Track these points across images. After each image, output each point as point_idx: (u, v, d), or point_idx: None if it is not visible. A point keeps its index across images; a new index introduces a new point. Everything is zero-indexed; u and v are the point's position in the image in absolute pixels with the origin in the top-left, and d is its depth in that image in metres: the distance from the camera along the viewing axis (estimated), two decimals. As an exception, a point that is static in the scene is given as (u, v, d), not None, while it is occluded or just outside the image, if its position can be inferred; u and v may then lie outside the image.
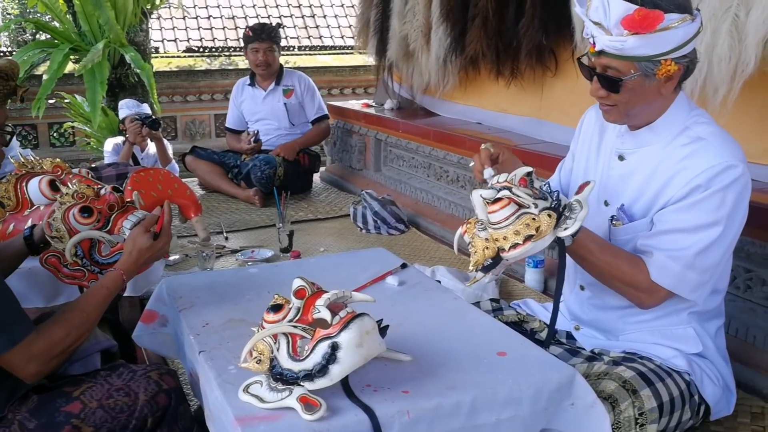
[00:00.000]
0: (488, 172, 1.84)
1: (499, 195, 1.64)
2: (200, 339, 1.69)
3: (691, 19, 1.68)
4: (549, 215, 1.59)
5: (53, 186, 2.44)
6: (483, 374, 1.53)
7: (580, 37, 3.07)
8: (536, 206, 1.61)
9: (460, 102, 4.52)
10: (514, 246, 1.60)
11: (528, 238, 1.59)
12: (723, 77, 2.38)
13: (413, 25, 4.36)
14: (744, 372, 2.32)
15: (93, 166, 4.52)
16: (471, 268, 1.71)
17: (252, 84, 5.04)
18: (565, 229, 1.60)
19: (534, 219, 1.59)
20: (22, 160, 2.56)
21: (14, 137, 1.89)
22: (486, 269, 1.69)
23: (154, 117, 4.65)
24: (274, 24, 4.94)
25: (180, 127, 10.23)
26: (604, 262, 1.79)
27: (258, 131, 4.90)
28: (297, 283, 1.52)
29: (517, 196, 1.62)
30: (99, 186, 2.08)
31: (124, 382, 1.68)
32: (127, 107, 4.75)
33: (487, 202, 1.65)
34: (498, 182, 1.71)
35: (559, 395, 1.53)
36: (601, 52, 1.73)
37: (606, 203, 1.94)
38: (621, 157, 1.92)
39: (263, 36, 4.79)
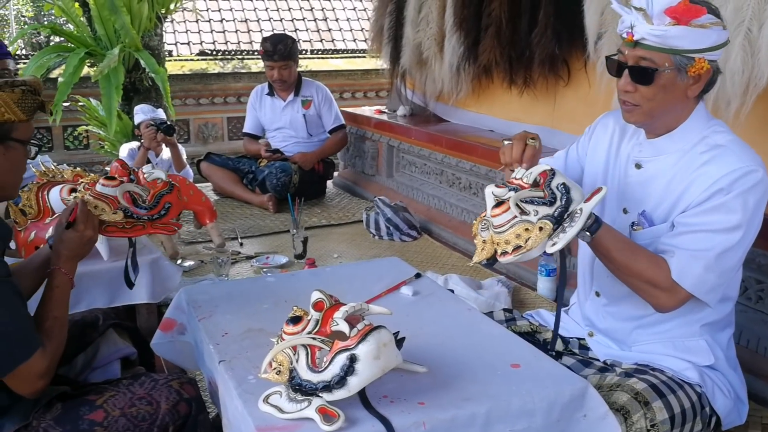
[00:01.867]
0: (520, 171, 1.77)
1: (505, 197, 1.68)
2: (220, 348, 1.72)
3: (723, 26, 1.73)
4: (541, 228, 1.61)
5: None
6: (497, 386, 1.55)
7: (593, 47, 3.09)
8: (536, 213, 1.64)
9: (472, 110, 4.54)
10: (504, 253, 1.66)
11: (517, 248, 1.63)
12: (736, 91, 2.40)
13: (427, 34, 4.39)
14: (755, 383, 2.33)
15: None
16: (471, 263, 1.80)
17: (271, 94, 5.05)
18: (554, 244, 1.62)
19: (527, 229, 1.62)
20: (43, 168, 2.61)
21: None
22: (486, 266, 1.77)
23: (168, 122, 4.70)
24: (288, 40, 4.85)
25: (193, 129, 10.30)
26: (624, 258, 1.79)
27: (269, 144, 4.98)
28: (315, 295, 1.55)
29: (522, 200, 1.66)
30: None
31: (146, 391, 1.72)
32: (142, 112, 4.82)
33: (495, 201, 1.69)
34: (515, 179, 1.73)
35: (571, 407, 1.55)
36: (637, 43, 1.75)
37: (625, 211, 1.95)
38: (638, 165, 1.93)
39: (275, 57, 4.76)
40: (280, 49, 4.74)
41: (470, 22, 3.97)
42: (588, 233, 1.72)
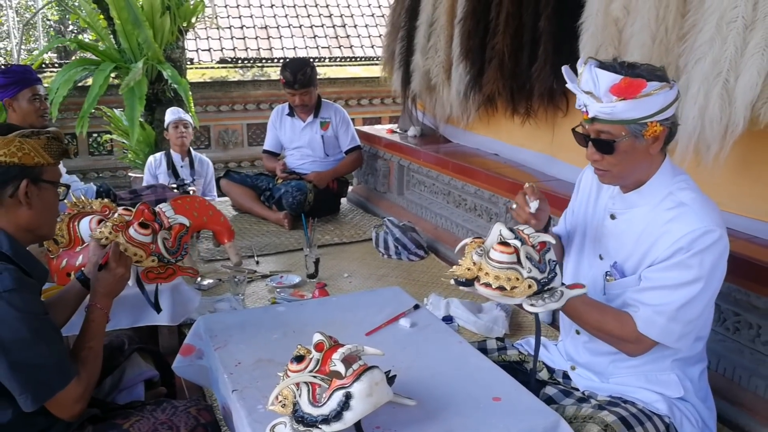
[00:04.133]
0: (535, 204, 2.03)
1: (513, 242, 1.85)
2: (233, 378, 1.91)
3: (669, 86, 1.90)
4: (529, 285, 1.80)
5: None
6: (478, 419, 1.73)
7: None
8: (530, 271, 1.82)
9: (479, 133, 4.71)
10: (486, 285, 1.83)
11: (500, 288, 1.81)
12: (715, 136, 2.56)
13: (435, 61, 4.56)
14: (729, 410, 2.50)
15: (133, 188, 4.83)
16: (448, 273, 1.94)
17: (291, 114, 5.23)
18: (532, 305, 1.83)
19: (518, 279, 1.81)
20: (74, 199, 2.83)
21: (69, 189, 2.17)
22: (460, 284, 1.91)
23: (184, 186, 4.96)
24: (306, 68, 4.98)
25: (213, 136, 10.55)
26: (593, 320, 2.01)
27: (285, 165, 5.18)
28: (317, 337, 1.73)
29: (524, 253, 1.84)
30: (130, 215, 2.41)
31: (167, 417, 1.93)
32: (171, 114, 5.36)
33: (501, 239, 1.87)
34: (522, 231, 1.92)
35: (544, 439, 1.74)
36: (593, 119, 1.94)
37: (600, 257, 2.15)
38: (612, 216, 2.13)
39: (296, 86, 4.92)
40: (300, 78, 4.91)
41: (475, 53, 4.13)
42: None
